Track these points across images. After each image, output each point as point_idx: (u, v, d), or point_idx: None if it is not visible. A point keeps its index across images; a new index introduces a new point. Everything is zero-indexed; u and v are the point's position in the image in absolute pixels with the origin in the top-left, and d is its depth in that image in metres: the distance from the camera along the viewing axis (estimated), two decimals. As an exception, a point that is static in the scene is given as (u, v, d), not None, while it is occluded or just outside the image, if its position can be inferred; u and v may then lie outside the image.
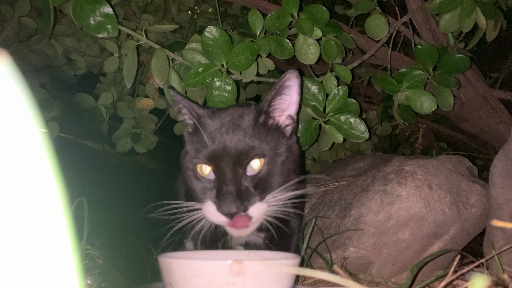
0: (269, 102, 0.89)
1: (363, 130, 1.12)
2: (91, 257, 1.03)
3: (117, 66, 1.53)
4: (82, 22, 1.01)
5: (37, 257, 0.23)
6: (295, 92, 0.90)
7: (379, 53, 1.36)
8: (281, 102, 0.90)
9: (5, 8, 1.44)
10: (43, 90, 1.48)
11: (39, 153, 0.24)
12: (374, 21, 1.22)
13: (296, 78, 0.89)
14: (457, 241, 1.04)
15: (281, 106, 0.91)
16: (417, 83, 1.19)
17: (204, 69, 1.11)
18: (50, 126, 1.44)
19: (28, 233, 0.23)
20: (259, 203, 0.84)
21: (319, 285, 0.96)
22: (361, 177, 1.11)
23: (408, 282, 0.74)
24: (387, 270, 1.03)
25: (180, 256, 0.79)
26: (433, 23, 1.34)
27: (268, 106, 0.89)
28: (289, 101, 0.91)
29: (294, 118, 0.93)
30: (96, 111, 1.55)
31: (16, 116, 0.23)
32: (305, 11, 1.17)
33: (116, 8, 1.33)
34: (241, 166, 0.82)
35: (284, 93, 0.89)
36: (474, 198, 1.03)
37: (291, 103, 0.91)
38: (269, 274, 0.66)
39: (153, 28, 1.33)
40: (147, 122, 1.66)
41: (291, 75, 0.88)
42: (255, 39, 1.16)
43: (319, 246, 1.02)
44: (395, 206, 0.97)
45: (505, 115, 1.45)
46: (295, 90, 0.90)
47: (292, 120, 0.93)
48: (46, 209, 0.24)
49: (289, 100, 0.91)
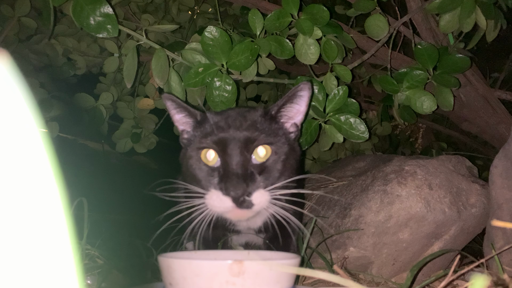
0: (279, 107, 0.91)
1: (363, 130, 1.12)
2: (91, 257, 1.03)
3: (117, 66, 1.53)
4: (82, 22, 1.01)
5: (37, 257, 0.23)
6: (304, 103, 0.93)
7: (379, 53, 1.36)
8: (290, 109, 0.93)
9: (5, 8, 1.44)
10: (43, 90, 1.48)
11: (39, 153, 0.24)
12: (374, 21, 1.22)
13: (308, 90, 0.92)
14: (457, 241, 1.04)
15: (289, 114, 0.93)
16: (417, 83, 1.19)
17: (204, 69, 1.11)
18: (50, 126, 1.44)
19: (28, 233, 0.23)
20: (262, 190, 0.84)
21: (319, 285, 0.96)
22: (361, 177, 1.11)
23: (408, 282, 0.74)
24: (387, 270, 1.03)
25: (180, 256, 0.79)
26: (433, 23, 1.34)
27: (277, 111, 0.92)
28: (297, 110, 0.93)
29: (298, 127, 0.96)
30: (96, 111, 1.54)
31: (16, 116, 0.23)
32: (305, 11, 1.17)
33: (116, 8, 1.33)
34: (248, 151, 0.83)
35: (295, 102, 0.92)
36: (474, 198, 1.03)
37: (298, 112, 0.94)
38: (269, 274, 0.66)
39: (153, 28, 1.33)
40: (147, 122, 1.66)
41: (305, 86, 0.91)
42: (255, 39, 1.16)
43: (319, 246, 1.02)
44: (395, 206, 0.97)
45: (505, 115, 1.45)
46: (305, 101, 0.93)
47: (297, 129, 0.96)
48: (46, 209, 0.24)
49: (298, 109, 0.93)
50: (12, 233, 0.23)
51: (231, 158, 0.82)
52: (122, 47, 1.47)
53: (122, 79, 1.47)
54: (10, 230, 0.23)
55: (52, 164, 0.24)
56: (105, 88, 1.63)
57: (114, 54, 1.52)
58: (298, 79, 1.16)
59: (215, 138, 0.84)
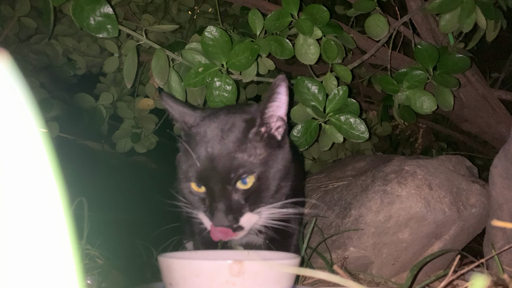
0: (262, 112, 0.88)
1: (363, 130, 1.12)
2: (91, 257, 1.03)
3: (117, 66, 1.53)
4: (82, 22, 1.01)
5: (37, 257, 0.23)
6: (283, 94, 0.89)
7: (379, 53, 1.36)
8: (272, 108, 0.89)
9: (5, 8, 1.44)
10: (43, 90, 1.48)
11: (39, 153, 0.24)
12: (374, 21, 1.22)
13: (283, 80, 0.88)
14: (457, 241, 1.04)
15: (273, 112, 0.90)
16: (417, 83, 1.19)
17: (204, 69, 1.11)
18: (50, 126, 1.44)
19: (28, 233, 0.23)
20: (249, 213, 0.85)
21: (319, 285, 0.96)
22: (361, 177, 1.11)
23: (408, 282, 0.74)
24: (387, 270, 1.03)
25: (180, 256, 0.79)
26: (433, 23, 1.34)
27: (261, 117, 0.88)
28: (278, 104, 0.90)
29: (284, 119, 0.92)
30: (96, 111, 1.54)
31: (16, 116, 0.23)
32: (305, 11, 1.17)
33: (116, 8, 1.33)
34: (230, 183, 0.83)
35: (274, 99, 0.89)
36: (474, 198, 1.03)
37: (279, 105, 0.90)
38: (269, 274, 0.66)
39: (153, 28, 1.33)
40: (147, 122, 1.66)
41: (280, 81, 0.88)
42: (255, 39, 1.16)
43: (319, 246, 1.02)
44: (395, 206, 0.97)
45: (505, 115, 1.45)
46: (283, 92, 0.89)
47: (283, 122, 0.92)
48: (46, 209, 0.24)
49: (278, 103, 0.90)
50: (12, 233, 0.23)
51: (214, 193, 0.83)
52: (122, 47, 1.47)
53: (122, 79, 1.47)
54: (10, 230, 0.23)
55: (52, 164, 0.24)
56: (105, 88, 1.63)
57: (114, 54, 1.52)
58: (298, 79, 1.16)
59: (197, 174, 0.84)
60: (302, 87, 1.15)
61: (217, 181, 0.83)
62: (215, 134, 0.86)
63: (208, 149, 0.84)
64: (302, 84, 1.15)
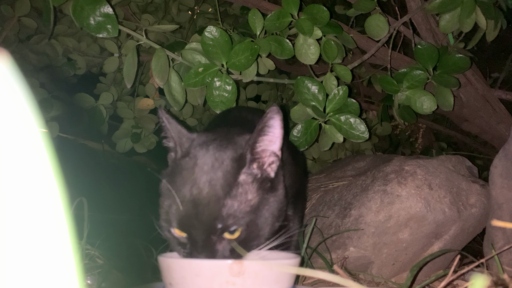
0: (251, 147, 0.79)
1: (363, 130, 1.12)
2: (91, 257, 1.03)
3: (117, 66, 1.53)
4: (82, 22, 1.01)
5: (37, 257, 0.23)
6: (277, 128, 0.80)
7: (379, 53, 1.36)
8: (264, 142, 0.81)
9: (5, 8, 1.44)
10: (43, 90, 1.49)
11: (39, 153, 0.24)
12: (374, 21, 1.22)
13: (277, 113, 0.79)
14: (457, 241, 1.04)
15: (265, 147, 0.81)
16: (417, 83, 1.19)
17: (204, 69, 1.11)
18: (50, 126, 1.44)
19: (28, 233, 0.23)
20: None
21: (319, 285, 0.96)
22: (361, 177, 1.11)
23: (408, 282, 0.74)
24: (387, 270, 1.03)
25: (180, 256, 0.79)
26: (433, 23, 1.34)
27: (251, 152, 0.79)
28: (271, 139, 0.81)
29: (278, 155, 0.83)
30: (96, 111, 1.55)
31: (16, 116, 0.23)
32: (305, 11, 1.17)
33: (116, 8, 1.33)
34: (215, 233, 0.74)
35: (266, 132, 0.80)
36: (474, 198, 1.03)
37: (272, 139, 0.81)
38: (269, 274, 0.66)
39: (153, 28, 1.33)
40: (147, 122, 1.66)
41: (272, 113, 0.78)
42: (255, 39, 1.16)
43: (319, 246, 1.02)
44: (395, 206, 0.97)
45: (505, 115, 1.45)
46: (277, 125, 0.80)
47: (277, 157, 0.83)
48: (46, 209, 0.24)
49: (271, 137, 0.81)
50: (12, 233, 0.23)
51: (196, 243, 0.74)
52: (122, 47, 1.47)
53: (122, 79, 1.47)
54: (11, 230, 0.23)
55: (52, 164, 0.24)
56: (105, 88, 1.63)
57: (114, 54, 1.52)
58: (298, 79, 1.16)
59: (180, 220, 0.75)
60: (302, 87, 1.15)
61: (201, 231, 0.73)
62: (203, 172, 0.76)
63: (194, 191, 0.74)
64: (302, 84, 1.15)
